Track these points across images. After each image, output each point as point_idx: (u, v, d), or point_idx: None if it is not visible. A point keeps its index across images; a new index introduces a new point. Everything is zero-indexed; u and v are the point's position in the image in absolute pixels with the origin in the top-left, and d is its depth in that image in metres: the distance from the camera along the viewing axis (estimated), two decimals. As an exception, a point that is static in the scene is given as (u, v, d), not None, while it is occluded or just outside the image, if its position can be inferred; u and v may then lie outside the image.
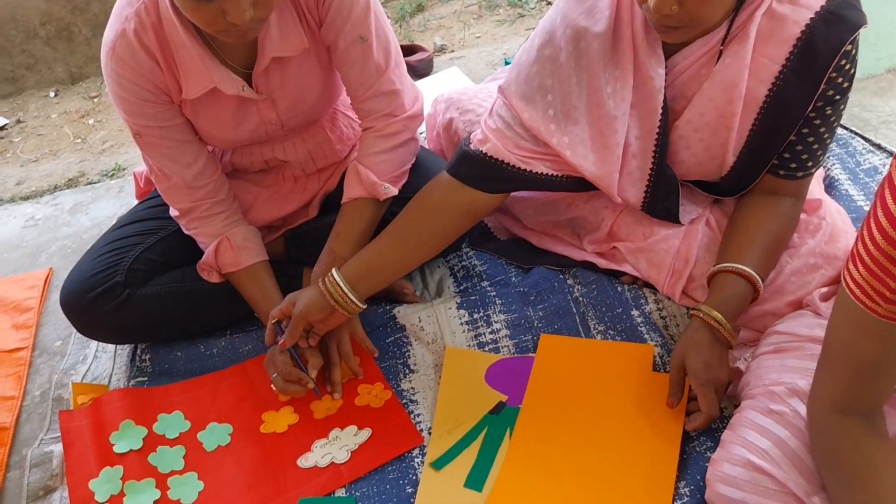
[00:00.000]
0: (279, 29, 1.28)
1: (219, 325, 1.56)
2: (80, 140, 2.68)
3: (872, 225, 0.82)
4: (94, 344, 1.62)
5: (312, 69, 1.38)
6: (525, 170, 1.32)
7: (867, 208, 1.51)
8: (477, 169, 1.33)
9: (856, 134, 1.75)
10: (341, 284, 1.31)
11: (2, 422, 1.48)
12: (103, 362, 1.58)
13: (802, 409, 1.03)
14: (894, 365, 0.89)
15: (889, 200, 0.79)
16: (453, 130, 1.66)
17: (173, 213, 1.47)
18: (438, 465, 1.25)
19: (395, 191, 1.42)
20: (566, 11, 1.26)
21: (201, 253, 1.49)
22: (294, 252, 1.61)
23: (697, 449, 1.21)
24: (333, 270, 1.32)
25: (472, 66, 2.56)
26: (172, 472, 1.31)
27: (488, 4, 3.09)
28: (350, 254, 1.39)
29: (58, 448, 1.39)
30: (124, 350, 1.59)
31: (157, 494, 1.27)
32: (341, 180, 1.56)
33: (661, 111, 1.26)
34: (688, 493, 1.16)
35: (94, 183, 2.31)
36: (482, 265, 1.59)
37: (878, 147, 1.72)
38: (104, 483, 1.28)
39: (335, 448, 1.32)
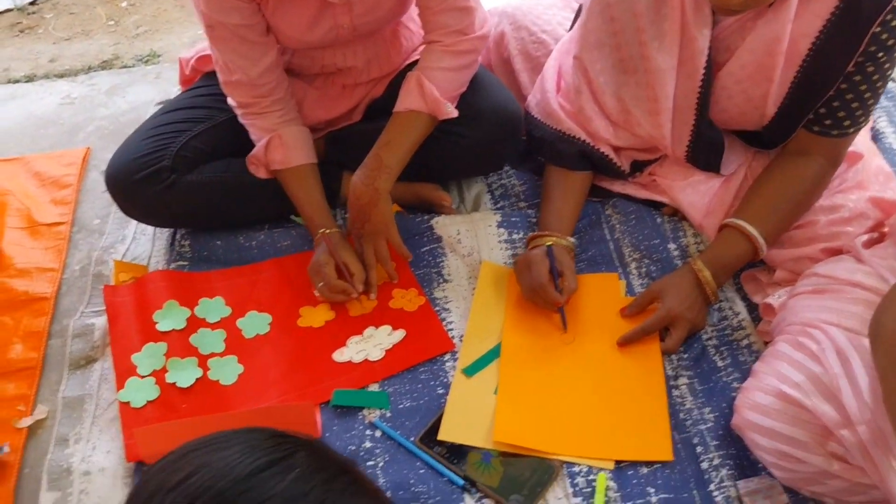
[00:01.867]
0: None
1: (260, 219, 1.58)
2: (113, 22, 2.63)
3: None
4: (132, 224, 1.64)
5: None
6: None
7: (910, 165, 1.53)
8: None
9: (905, 88, 1.75)
10: None
11: (42, 292, 1.52)
12: (142, 244, 1.61)
13: (835, 348, 1.07)
14: None
15: None
16: (504, 45, 1.65)
17: (231, 103, 1.47)
18: (470, 371, 1.30)
19: (455, 112, 1.41)
20: None
21: (247, 146, 1.50)
22: (334, 154, 1.61)
23: (724, 379, 1.26)
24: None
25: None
26: (213, 354, 1.35)
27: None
28: (397, 164, 1.40)
29: (99, 321, 1.43)
30: (163, 234, 1.61)
31: (199, 373, 1.32)
32: (388, 88, 1.56)
33: (703, 71, 1.29)
34: (712, 419, 1.21)
35: (129, 67, 2.29)
36: (521, 185, 1.60)
37: (927, 104, 1.72)
38: (147, 357, 1.33)
39: (369, 346, 1.36)
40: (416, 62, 1.47)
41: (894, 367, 0.92)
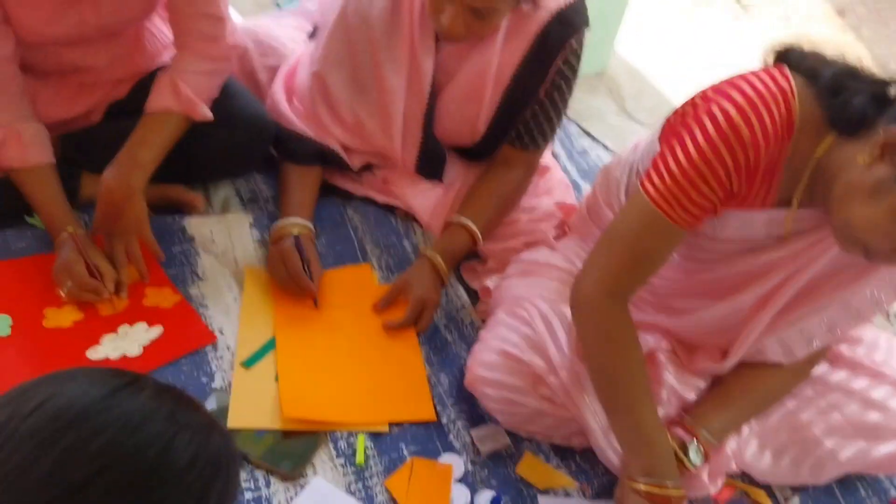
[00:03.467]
0: None
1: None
2: None
3: (689, 144, 1.07)
4: None
5: None
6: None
7: (579, 180, 1.95)
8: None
9: (572, 120, 2.19)
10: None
11: None
12: None
13: (540, 315, 1.35)
14: (662, 260, 1.16)
15: (713, 134, 1.05)
16: (247, 59, 1.76)
17: None
18: (249, 363, 1.39)
19: (210, 115, 1.47)
20: None
21: None
22: (72, 154, 1.57)
23: (454, 350, 1.50)
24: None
25: (242, 5, 2.59)
26: (-54, 360, 1.26)
27: (253, -52, 3.11)
28: (151, 162, 1.43)
29: None
30: None
31: (-70, 380, 1.22)
32: (132, 90, 1.58)
33: (428, 92, 1.54)
34: (447, 382, 1.44)
35: None
36: (269, 189, 1.72)
37: (587, 133, 2.17)
38: None
39: (126, 342, 1.38)
40: (161, 67, 1.52)
41: (584, 324, 1.23)
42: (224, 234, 1.59)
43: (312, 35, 1.74)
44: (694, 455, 1.24)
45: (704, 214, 1.12)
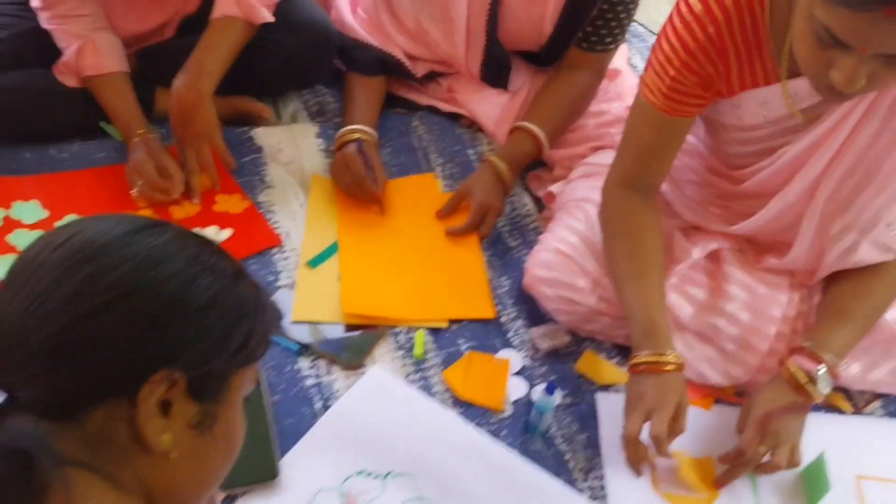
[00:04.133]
0: None
1: (70, 131, 1.57)
2: None
3: (662, 38, 1.11)
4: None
5: None
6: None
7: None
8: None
9: (651, 32, 2.10)
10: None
11: None
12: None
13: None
14: (666, 152, 1.20)
15: (677, 22, 1.08)
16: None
17: (35, 3, 1.45)
18: (314, 263, 1.42)
19: (270, 17, 1.50)
20: None
21: (53, 55, 1.48)
22: (147, 70, 1.63)
23: (516, 254, 1.49)
24: None
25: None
26: (33, 253, 1.34)
27: None
28: (218, 68, 1.47)
29: None
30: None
31: (18, 269, 1.31)
32: (202, 3, 1.62)
33: None
34: (507, 284, 1.43)
35: None
36: (335, 102, 1.73)
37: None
38: (-39, 256, 1.30)
39: (197, 243, 1.43)
40: None
41: (601, 212, 1.26)
42: (291, 144, 1.62)
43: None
44: (823, 384, 1.14)
45: (693, 102, 1.14)
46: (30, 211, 1.41)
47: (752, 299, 1.25)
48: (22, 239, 1.35)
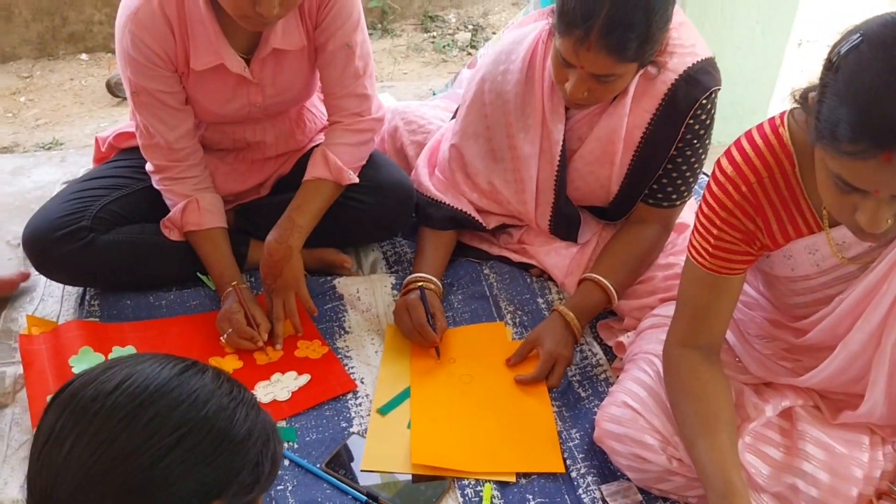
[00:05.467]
0: (283, 24, 1.50)
1: (169, 280, 1.70)
2: (11, 115, 2.72)
3: (703, 201, 1.20)
4: (41, 286, 1.72)
5: (303, 66, 1.60)
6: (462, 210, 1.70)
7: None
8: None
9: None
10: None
11: (-52, 347, 1.55)
12: (50, 304, 1.68)
13: None
14: (720, 310, 1.24)
15: (713, 185, 1.16)
16: (398, 136, 1.92)
17: (149, 167, 1.62)
18: (385, 410, 1.46)
19: (356, 179, 1.63)
20: (485, 74, 1.62)
21: (161, 212, 1.64)
22: (244, 224, 1.78)
23: (587, 406, 1.48)
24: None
25: (401, 95, 2.83)
26: (126, 397, 1.44)
27: (415, 47, 3.40)
28: (308, 225, 1.59)
29: (10, 369, 1.49)
30: (71, 295, 1.70)
31: (112, 413, 1.39)
32: (295, 166, 1.77)
33: (559, 157, 1.60)
34: (578, 437, 1.42)
35: (32, 152, 2.38)
36: (412, 252, 1.82)
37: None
38: (62, 399, 1.40)
39: (277, 388, 1.50)
40: (319, 144, 1.70)
41: (664, 373, 1.28)
42: (369, 293, 1.71)
43: (455, 114, 1.87)
44: None
45: (739, 259, 1.19)
46: (127, 356, 1.51)
47: (830, 458, 1.20)
48: (118, 383, 1.45)
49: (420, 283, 1.59)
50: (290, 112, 1.74)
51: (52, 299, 1.70)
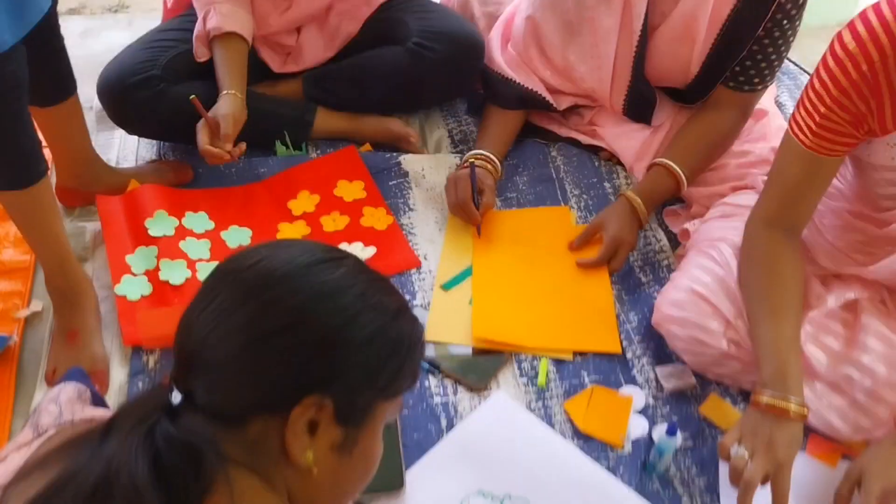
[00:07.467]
0: None
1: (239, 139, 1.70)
2: (77, -25, 2.70)
3: (815, 76, 1.13)
4: (115, 145, 1.77)
5: None
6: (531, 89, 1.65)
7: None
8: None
9: (804, 70, 2.04)
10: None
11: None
12: (128, 163, 1.74)
13: (734, 256, 1.31)
14: (812, 192, 1.21)
15: (829, 59, 1.10)
16: (469, 7, 1.86)
17: None
18: (448, 286, 1.49)
19: None
20: None
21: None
22: (312, 91, 1.77)
23: (646, 290, 1.49)
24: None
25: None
26: (200, 259, 1.49)
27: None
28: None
29: (90, 225, 1.56)
30: (144, 159, 1.74)
31: (188, 273, 1.46)
32: (363, 28, 1.74)
33: (640, 32, 1.51)
34: (636, 320, 1.43)
35: (98, 15, 2.38)
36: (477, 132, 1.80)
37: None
38: (140, 258, 1.47)
39: (343, 258, 1.53)
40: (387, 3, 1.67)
41: (743, 249, 1.27)
42: (434, 171, 1.71)
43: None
44: None
45: (843, 140, 1.14)
46: (199, 222, 1.56)
47: (890, 352, 1.20)
48: (191, 246, 1.51)
49: (477, 161, 1.58)
50: None
51: (126, 163, 1.75)
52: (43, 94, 1.42)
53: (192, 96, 1.45)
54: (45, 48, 1.36)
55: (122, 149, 1.78)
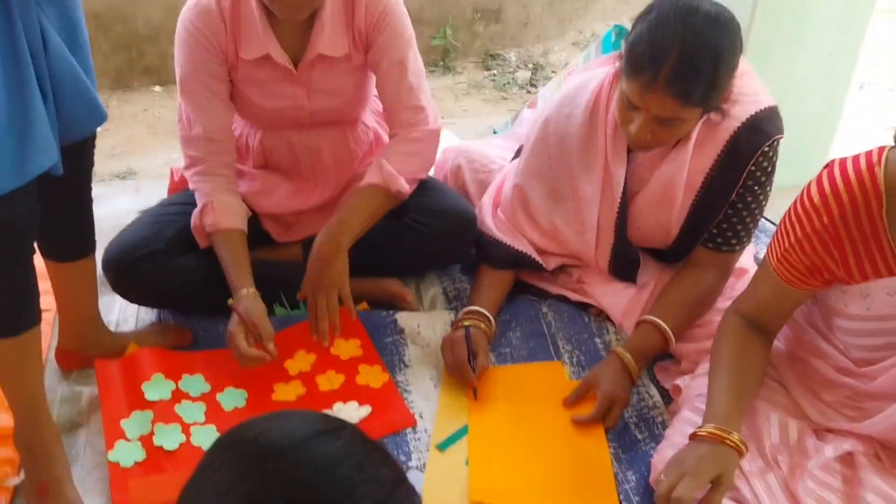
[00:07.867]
0: (330, 31, 1.59)
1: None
2: (89, 143, 2.85)
3: (788, 212, 1.24)
4: (116, 309, 1.80)
5: (350, 74, 1.68)
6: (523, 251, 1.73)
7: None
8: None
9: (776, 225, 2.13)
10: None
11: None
12: (128, 327, 1.76)
13: None
14: (780, 310, 1.34)
15: (798, 206, 1.21)
16: (461, 175, 1.97)
17: (184, 161, 1.68)
18: (443, 446, 1.49)
19: (407, 189, 1.67)
20: (549, 116, 1.66)
21: None
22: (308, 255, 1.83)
23: (643, 448, 1.49)
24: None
25: (462, 132, 2.88)
26: (195, 423, 1.50)
27: (476, 85, 3.46)
28: (358, 226, 1.61)
29: (86, 390, 1.57)
30: (144, 322, 1.78)
31: (182, 438, 1.46)
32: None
33: (620, 198, 1.63)
34: (634, 480, 1.42)
35: (107, 181, 2.50)
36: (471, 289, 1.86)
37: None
38: (135, 423, 1.47)
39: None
40: None
41: (717, 336, 1.38)
42: (429, 328, 1.74)
43: (517, 154, 1.91)
44: None
45: (803, 279, 1.25)
46: (195, 384, 1.58)
47: None
48: (186, 409, 1.51)
49: (467, 322, 1.62)
50: (345, 126, 1.79)
51: (126, 326, 1.78)
52: (59, 249, 1.47)
53: (230, 301, 1.54)
54: (67, 203, 1.43)
55: (123, 311, 1.81)
